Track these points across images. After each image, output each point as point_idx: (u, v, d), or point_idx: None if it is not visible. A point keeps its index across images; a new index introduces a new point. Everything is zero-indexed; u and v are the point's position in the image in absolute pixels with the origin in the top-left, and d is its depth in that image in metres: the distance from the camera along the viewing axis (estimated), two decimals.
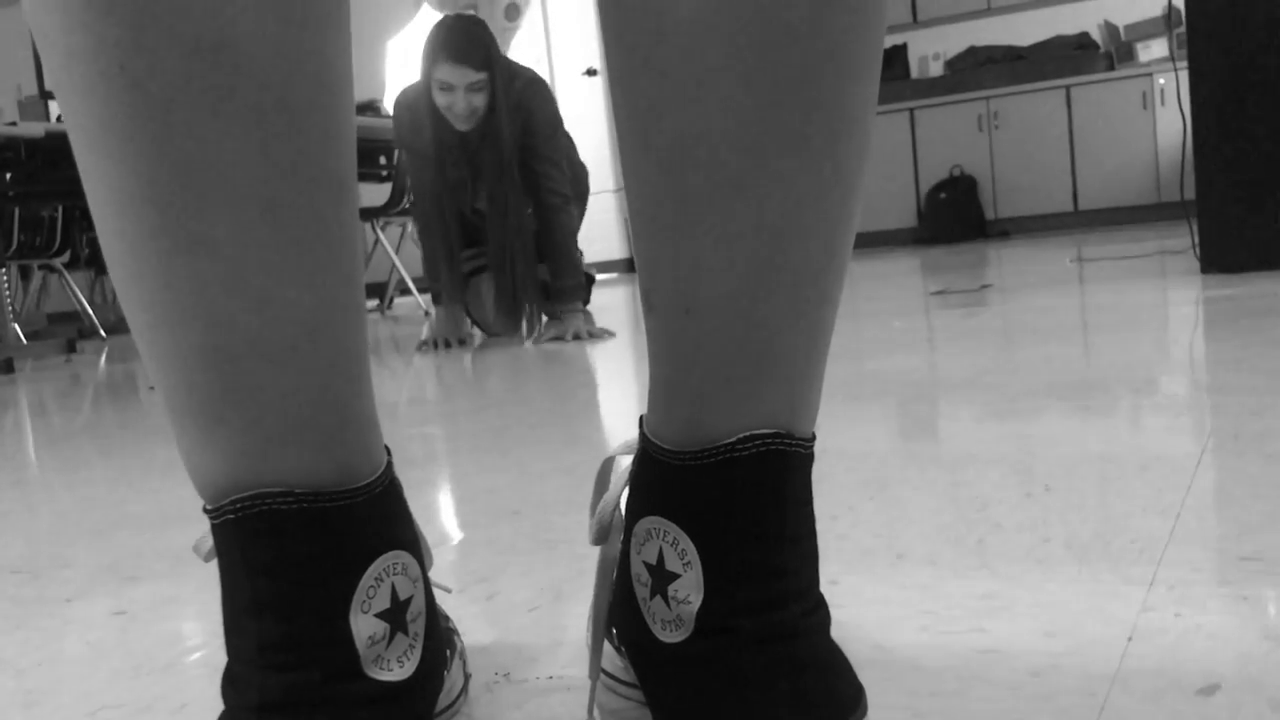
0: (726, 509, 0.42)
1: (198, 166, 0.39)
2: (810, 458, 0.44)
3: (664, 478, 0.45)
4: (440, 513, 1.10)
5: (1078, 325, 2.07)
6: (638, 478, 0.47)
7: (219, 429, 0.42)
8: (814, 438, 0.45)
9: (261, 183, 0.39)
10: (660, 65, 0.40)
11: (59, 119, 5.35)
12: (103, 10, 0.37)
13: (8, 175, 4.60)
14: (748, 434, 0.42)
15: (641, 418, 0.48)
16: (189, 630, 0.81)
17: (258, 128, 0.39)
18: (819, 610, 0.44)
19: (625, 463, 0.53)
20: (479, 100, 2.94)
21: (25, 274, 6.53)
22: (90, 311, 5.66)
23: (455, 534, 1.01)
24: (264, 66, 0.39)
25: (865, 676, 0.60)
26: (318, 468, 0.43)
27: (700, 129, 0.40)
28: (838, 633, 0.67)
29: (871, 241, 6.83)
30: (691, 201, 0.41)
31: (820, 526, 0.90)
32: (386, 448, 0.48)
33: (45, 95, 6.88)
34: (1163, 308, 2.20)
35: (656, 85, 0.41)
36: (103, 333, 5.49)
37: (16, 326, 4.67)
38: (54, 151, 4.36)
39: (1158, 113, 6.07)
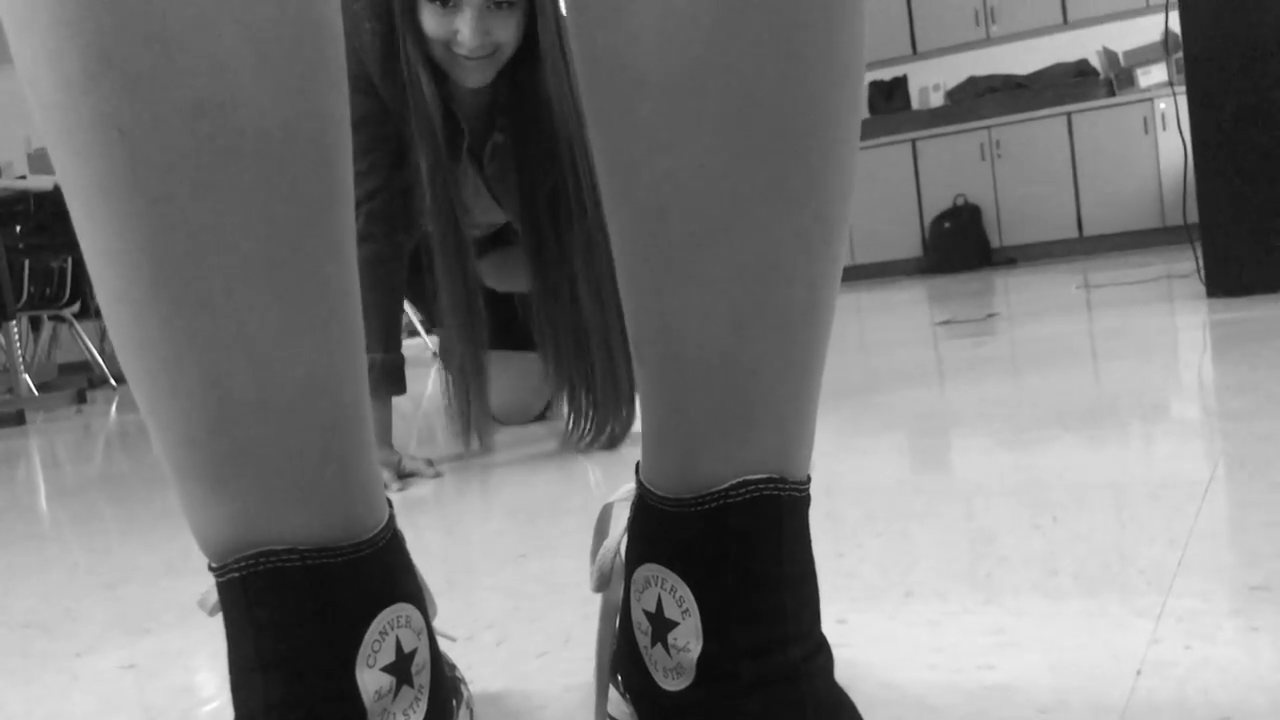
0: (722, 556, 0.43)
1: (198, 229, 0.39)
2: (806, 500, 0.44)
3: (660, 525, 0.45)
4: (446, 558, 1.10)
5: (1085, 352, 2.07)
6: (635, 525, 0.47)
7: (221, 488, 0.42)
8: (809, 479, 0.45)
9: (262, 243, 0.40)
10: (636, 121, 0.41)
11: None
12: (101, 74, 0.37)
13: (18, 228, 4.64)
14: (740, 480, 0.43)
15: (638, 464, 0.48)
16: (199, 682, 0.81)
17: (258, 189, 0.39)
18: (821, 652, 0.44)
19: (625, 509, 0.54)
20: (505, 31, 1.56)
21: (35, 325, 6.56)
22: (101, 361, 5.69)
23: (462, 580, 1.01)
24: (264, 129, 0.39)
25: (873, 716, 0.60)
26: (320, 524, 0.43)
27: (677, 181, 0.41)
28: (846, 672, 0.67)
29: (877, 272, 6.84)
30: (673, 250, 0.42)
31: (827, 564, 0.90)
32: (388, 500, 0.49)
33: None
34: (1170, 333, 2.20)
35: (633, 140, 0.41)
36: (113, 382, 5.52)
37: (27, 378, 4.69)
38: (63, 203, 4.40)
39: (1159, 137, 6.08)
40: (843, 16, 0.41)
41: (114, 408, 4.07)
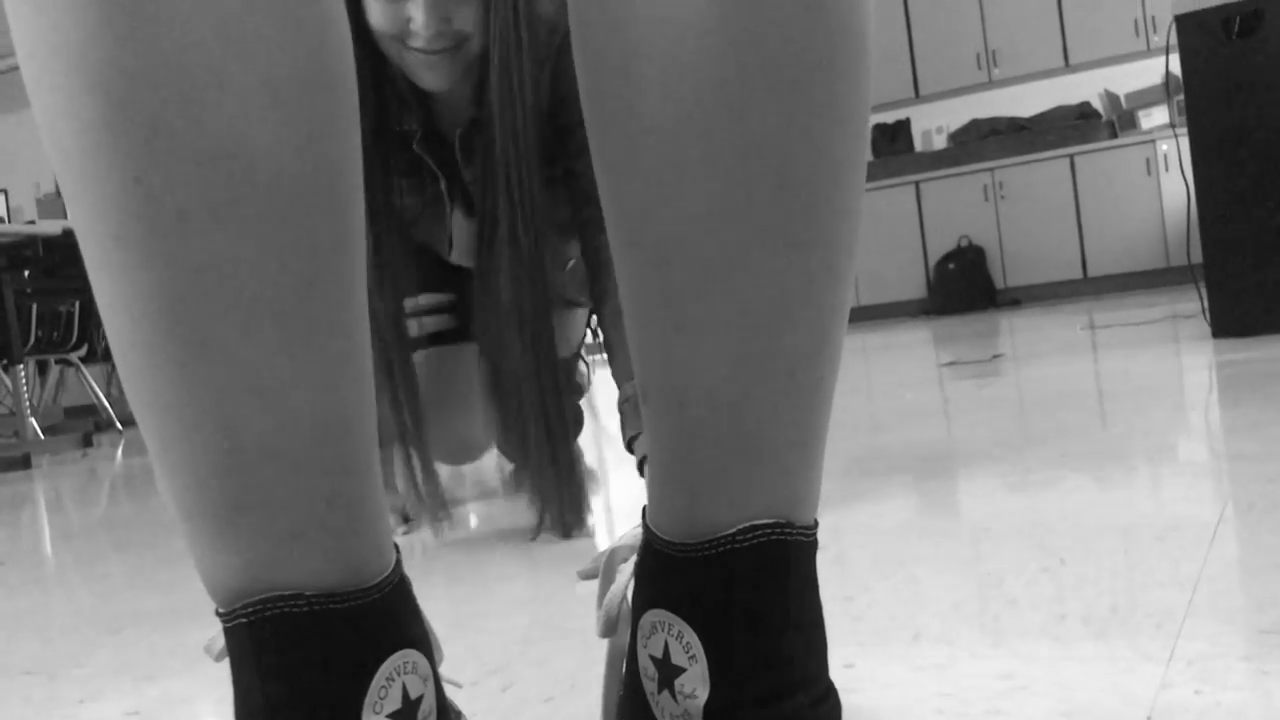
0: (729, 601, 0.43)
1: (212, 275, 0.39)
2: (813, 544, 0.44)
3: (666, 570, 0.45)
4: (451, 603, 1.10)
5: (1091, 393, 2.07)
6: (642, 570, 0.47)
7: (230, 532, 0.43)
8: (816, 524, 0.46)
9: (275, 289, 0.40)
10: (642, 168, 0.42)
11: None
12: (118, 121, 0.38)
13: (26, 273, 4.67)
14: (747, 525, 0.43)
15: (644, 509, 0.48)
16: None
17: (271, 237, 0.40)
18: (829, 699, 0.44)
19: (632, 553, 0.54)
20: (467, 19, 1.30)
21: (42, 369, 6.59)
22: (107, 405, 5.70)
23: (467, 624, 1.00)
24: (278, 176, 0.40)
25: None
26: (328, 569, 0.43)
27: (683, 227, 0.41)
28: (854, 717, 0.66)
29: (881, 313, 6.85)
30: (679, 296, 0.42)
31: (835, 607, 0.90)
32: (395, 544, 0.49)
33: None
34: (1176, 374, 2.20)
35: (640, 187, 0.42)
36: (119, 425, 5.52)
37: (34, 421, 4.70)
38: (71, 248, 4.43)
39: (1162, 178, 6.12)
40: (848, 63, 0.41)
41: (120, 451, 4.07)
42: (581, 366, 1.84)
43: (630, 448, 1.33)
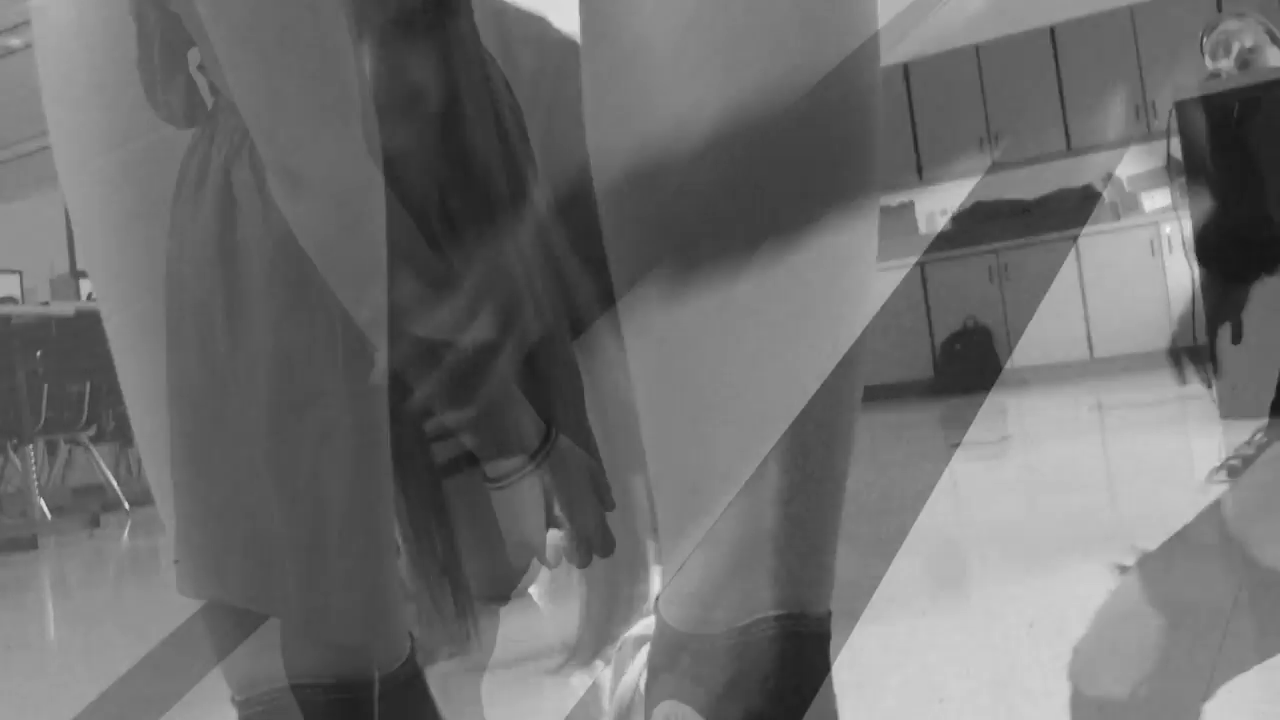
0: (741, 693, 0.43)
1: (233, 363, 0.40)
2: (826, 636, 0.45)
3: (679, 661, 0.45)
4: (461, 691, 1.08)
5: (1100, 475, 2.06)
6: (654, 660, 0.47)
7: (249, 619, 0.43)
8: (829, 615, 0.46)
9: (293, 379, 0.41)
10: (656, 260, 0.43)
11: (89, 296, 5.49)
12: (147, 213, 0.39)
13: (38, 353, 4.70)
14: (760, 616, 0.43)
15: (657, 599, 0.48)
16: None
17: (292, 328, 0.41)
18: None
19: (644, 643, 0.54)
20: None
21: (51, 449, 6.58)
22: (115, 484, 5.68)
23: (475, 713, 0.99)
24: (300, 271, 0.41)
25: None
26: (346, 658, 0.44)
27: (696, 319, 0.42)
28: None
29: (889, 394, 6.85)
30: (691, 386, 0.43)
31: (849, 697, 0.89)
32: (410, 633, 0.49)
33: (76, 274, 7.07)
34: (1185, 455, 2.19)
35: (653, 278, 0.43)
36: (126, 505, 5.50)
37: (42, 502, 4.69)
38: (84, 329, 4.47)
39: (1166, 260, 6.15)
40: (856, 157, 0.43)
41: (126, 532, 4.06)
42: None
43: None
